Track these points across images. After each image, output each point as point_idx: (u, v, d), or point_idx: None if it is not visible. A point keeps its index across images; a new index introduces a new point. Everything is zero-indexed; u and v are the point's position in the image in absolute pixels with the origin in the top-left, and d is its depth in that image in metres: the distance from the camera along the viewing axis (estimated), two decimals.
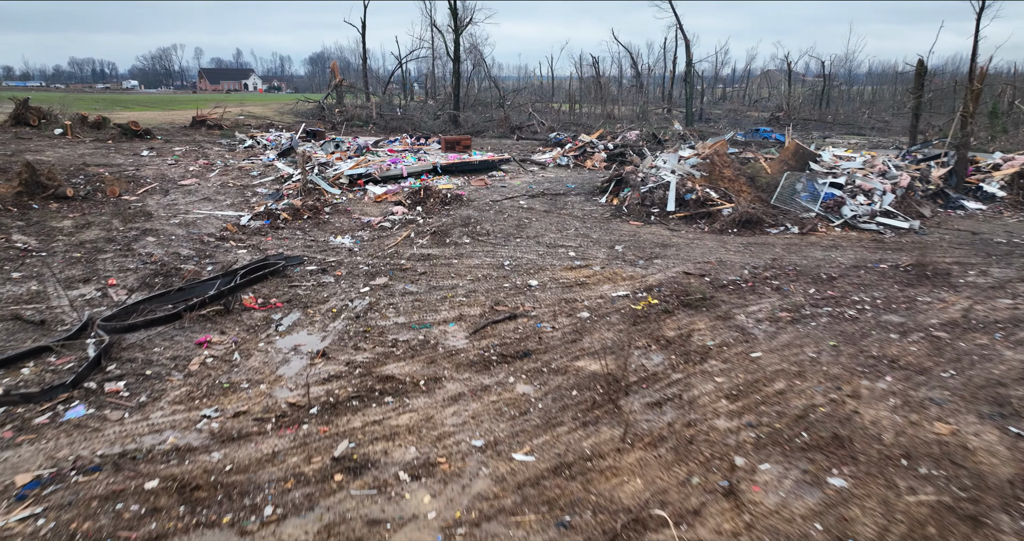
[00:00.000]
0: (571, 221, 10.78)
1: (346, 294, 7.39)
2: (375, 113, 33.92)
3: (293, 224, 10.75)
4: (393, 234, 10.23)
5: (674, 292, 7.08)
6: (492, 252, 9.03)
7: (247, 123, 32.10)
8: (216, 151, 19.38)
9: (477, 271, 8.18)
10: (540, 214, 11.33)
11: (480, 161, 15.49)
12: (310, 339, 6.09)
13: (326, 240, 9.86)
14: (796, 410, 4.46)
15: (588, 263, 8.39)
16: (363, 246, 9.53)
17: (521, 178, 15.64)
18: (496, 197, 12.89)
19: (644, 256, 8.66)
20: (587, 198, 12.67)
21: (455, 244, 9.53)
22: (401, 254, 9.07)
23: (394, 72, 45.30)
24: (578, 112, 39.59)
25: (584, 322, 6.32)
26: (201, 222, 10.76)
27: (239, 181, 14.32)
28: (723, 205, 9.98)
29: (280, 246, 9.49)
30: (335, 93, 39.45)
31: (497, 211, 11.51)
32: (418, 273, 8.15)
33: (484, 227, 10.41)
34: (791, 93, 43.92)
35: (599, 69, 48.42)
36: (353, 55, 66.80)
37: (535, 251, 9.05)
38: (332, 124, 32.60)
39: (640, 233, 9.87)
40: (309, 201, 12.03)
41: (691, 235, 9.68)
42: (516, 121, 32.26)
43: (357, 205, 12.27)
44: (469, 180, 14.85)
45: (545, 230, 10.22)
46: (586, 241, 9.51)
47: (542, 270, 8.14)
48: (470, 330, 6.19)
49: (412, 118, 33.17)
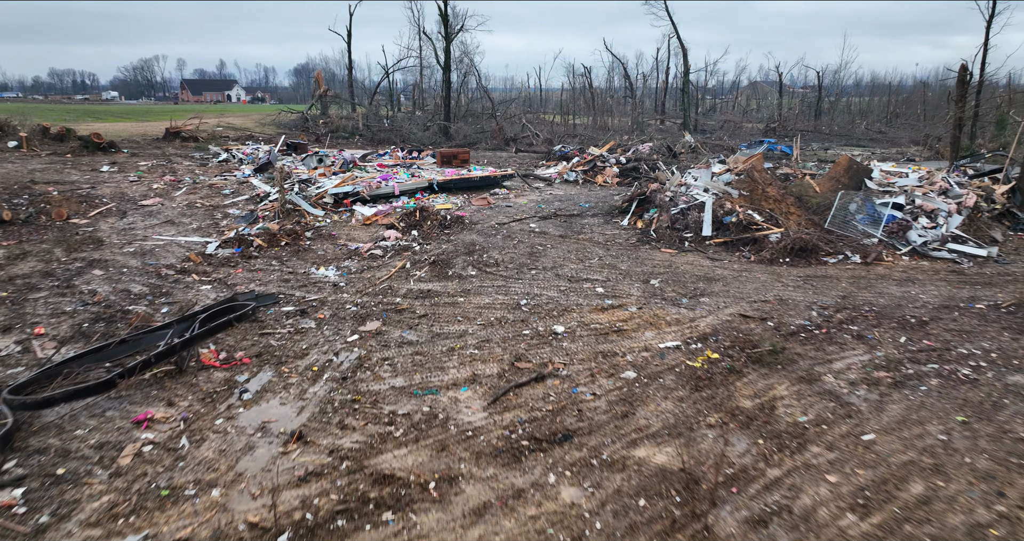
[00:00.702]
0: (593, 248, 9.73)
1: (330, 344, 6.27)
2: (362, 124, 33.09)
3: (268, 252, 9.63)
4: (385, 264, 9.13)
5: (735, 342, 6.01)
6: (504, 288, 7.94)
7: (225, 135, 31.13)
8: (186, 166, 18.28)
9: (489, 313, 7.08)
10: (555, 240, 10.28)
11: (481, 177, 14.50)
12: (283, 411, 4.95)
13: (307, 272, 8.75)
14: (959, 534, 3.35)
15: (622, 302, 7.31)
16: (350, 280, 8.42)
17: (527, 196, 14.62)
18: (502, 219, 11.84)
19: (687, 293, 7.60)
20: (606, 220, 11.65)
21: (459, 277, 8.44)
22: (396, 290, 7.97)
23: (380, 82, 44.76)
24: (572, 124, 39.37)
25: (632, 386, 5.22)
26: (160, 251, 9.62)
27: (209, 201, 13.20)
28: (770, 229, 8.98)
29: (252, 280, 8.36)
30: (319, 103, 38.83)
31: (505, 236, 10.45)
32: (417, 315, 7.04)
33: (492, 256, 9.33)
34: (782, 104, 44.14)
35: (591, 80, 48.37)
36: (338, 66, 66.55)
37: (555, 286, 7.97)
38: (316, 136, 31.71)
39: (676, 263, 8.84)
40: (288, 224, 10.93)
41: (736, 266, 8.65)
42: (510, 133, 31.73)
43: (343, 229, 11.18)
44: (469, 199, 13.82)
45: (564, 259, 9.15)
46: (614, 273, 8.45)
47: (567, 312, 7.06)
48: (488, 397, 5.08)
49: (400, 129, 32.47)
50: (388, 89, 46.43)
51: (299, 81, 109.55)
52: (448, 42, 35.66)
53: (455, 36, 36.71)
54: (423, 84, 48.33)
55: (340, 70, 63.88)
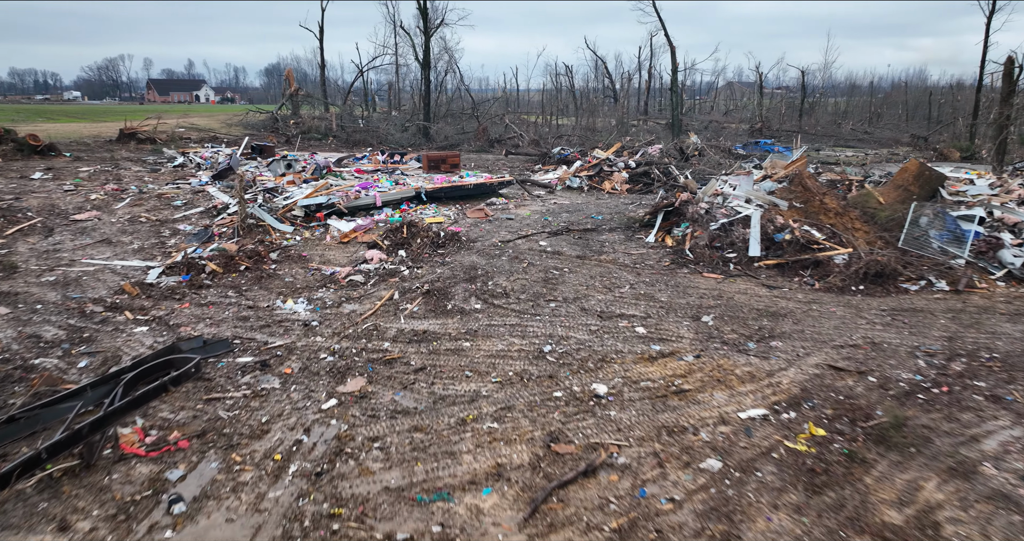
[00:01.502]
0: (620, 273, 8.48)
1: (299, 414, 4.93)
2: (335, 125, 31.80)
3: (224, 280, 8.22)
4: (368, 295, 7.78)
5: (839, 410, 4.78)
6: (520, 327, 6.64)
7: (187, 136, 29.58)
8: (134, 172, 16.71)
9: (504, 364, 5.78)
10: (572, 262, 9.01)
11: (475, 185, 13.21)
12: (229, 534, 3.60)
13: (271, 306, 7.37)
14: None
15: (673, 348, 6.05)
16: (325, 316, 7.06)
17: (528, 206, 13.35)
18: (505, 235, 10.54)
19: (752, 334, 6.36)
20: (627, 236, 10.41)
21: (461, 312, 7.13)
22: (383, 331, 6.63)
23: (355, 81, 43.67)
24: (556, 124, 38.98)
25: (720, 483, 3.95)
26: (88, 279, 8.16)
27: (156, 214, 11.72)
28: (835, 249, 7.81)
29: (201, 318, 6.96)
30: (290, 103, 37.57)
31: (512, 257, 9.15)
32: (413, 369, 5.73)
33: (499, 283, 8.03)
34: (762, 104, 44.62)
35: (573, 79, 48.02)
36: (310, 65, 65.29)
37: (584, 325, 6.68)
38: (286, 137, 30.31)
39: (726, 292, 7.61)
40: (249, 244, 9.52)
41: (801, 295, 7.44)
42: (494, 134, 30.91)
43: (316, 248, 9.79)
44: (463, 210, 12.50)
45: (587, 288, 7.88)
46: (654, 307, 7.19)
47: (606, 362, 5.78)
48: (523, 507, 3.77)
49: (377, 131, 31.43)
50: (363, 88, 45.34)
51: (270, 81, 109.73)
52: (427, 37, 34.53)
53: (435, 31, 35.62)
54: (399, 84, 47.50)
55: (312, 70, 62.74)
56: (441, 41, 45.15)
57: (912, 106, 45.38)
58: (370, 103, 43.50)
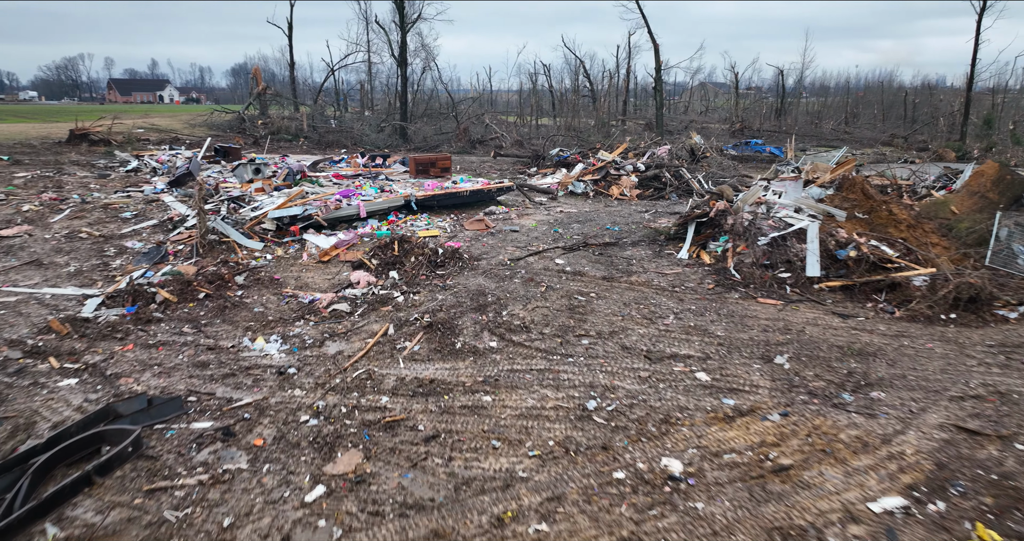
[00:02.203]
0: (658, 298, 7.40)
1: (274, 514, 3.80)
2: (306, 125, 30.66)
3: (180, 311, 6.98)
4: (357, 329, 6.61)
5: (1004, 498, 3.75)
6: (551, 374, 5.52)
7: (145, 138, 28.10)
8: (79, 178, 15.27)
9: (541, 428, 4.67)
10: (599, 284, 7.91)
11: (472, 191, 12.06)
12: None
13: (236, 346, 6.17)
14: None
15: (751, 403, 4.98)
16: (305, 360, 5.88)
17: (532, 215, 12.24)
18: (512, 251, 9.42)
19: (842, 381, 5.32)
20: (655, 251, 9.35)
21: (474, 352, 5.99)
22: (379, 380, 5.48)
23: (326, 80, 42.54)
24: (535, 124, 38.60)
25: None
26: (7, 314, 6.87)
27: (100, 228, 10.38)
28: (913, 269, 6.83)
29: (148, 364, 5.75)
30: (258, 102, 36.33)
31: (526, 279, 8.03)
32: (422, 436, 4.59)
33: (515, 313, 6.90)
34: (739, 104, 45.10)
35: (551, 79, 47.82)
36: (279, 65, 63.93)
37: (630, 370, 5.59)
38: (254, 138, 29.01)
39: (793, 323, 6.57)
40: (210, 265, 8.28)
41: (882, 326, 6.43)
42: (475, 134, 30.26)
43: (291, 269, 8.57)
44: (459, 221, 11.35)
45: (623, 318, 6.78)
46: (710, 343, 6.12)
47: (670, 424, 4.69)
48: None
49: (351, 131, 30.51)
50: (334, 87, 44.28)
51: (237, 81, 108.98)
52: (404, 33, 33.45)
53: (411, 26, 34.53)
54: (373, 82, 46.62)
55: (280, 69, 61.48)
56: (418, 37, 44.28)
57: (887, 106, 46.54)
58: (342, 103, 42.42)
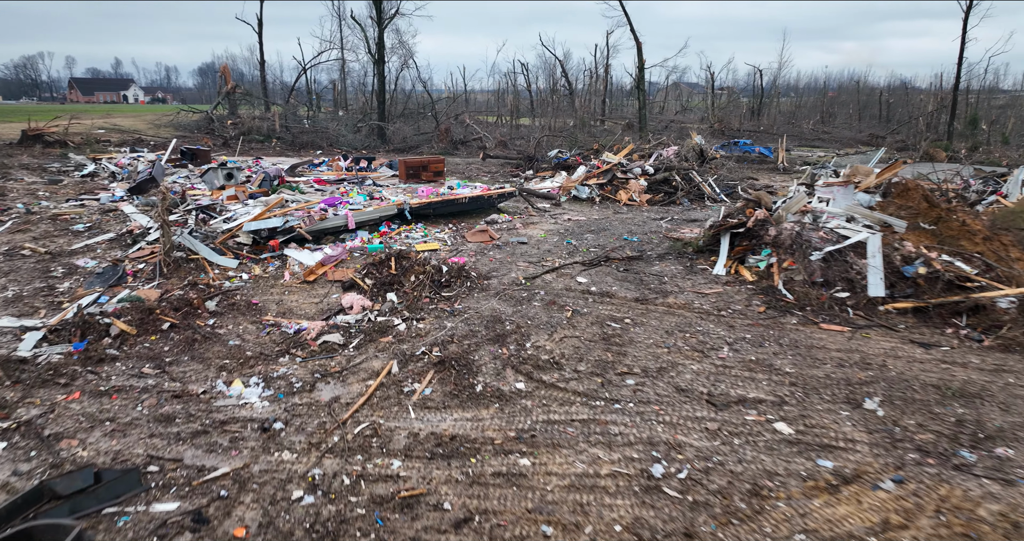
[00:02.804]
0: (704, 324, 6.57)
1: None
2: (279, 126, 29.76)
3: (140, 346, 6.00)
4: (353, 366, 5.69)
5: None
6: (598, 426, 4.66)
7: (106, 139, 26.83)
8: (26, 185, 14.06)
9: (600, 504, 3.81)
10: (632, 307, 7.06)
11: (471, 198, 11.16)
12: None
13: (209, 392, 5.23)
14: None
15: (853, 465, 4.16)
16: (293, 409, 4.96)
17: (539, 224, 11.37)
18: (525, 267, 8.54)
19: (956, 433, 4.52)
20: (685, 266, 8.53)
21: (499, 397, 5.11)
22: (387, 436, 4.58)
23: (298, 79, 41.81)
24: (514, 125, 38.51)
25: None
26: None
27: (47, 244, 9.29)
28: (998, 288, 6.09)
29: (98, 421, 4.79)
30: (227, 102, 35.31)
31: (547, 302, 7.15)
32: (449, 523, 3.72)
33: (540, 344, 6.02)
34: (714, 104, 46.10)
35: (530, 78, 47.91)
36: (247, 64, 62.65)
37: (693, 419, 4.74)
38: (224, 139, 27.93)
39: (869, 355, 5.78)
40: (176, 288, 7.28)
41: (974, 357, 5.66)
42: (457, 135, 29.92)
43: (271, 291, 7.60)
44: (459, 231, 10.44)
45: (669, 350, 5.94)
46: (780, 382, 5.29)
47: (760, 496, 3.85)
48: None
49: (326, 132, 29.79)
50: (306, 86, 43.49)
51: (204, 81, 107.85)
52: (381, 29, 32.55)
53: (389, 22, 33.65)
54: (346, 81, 46.20)
55: (249, 68, 60.25)
56: (395, 34, 43.58)
57: (862, 106, 47.90)
58: (315, 102, 41.57)
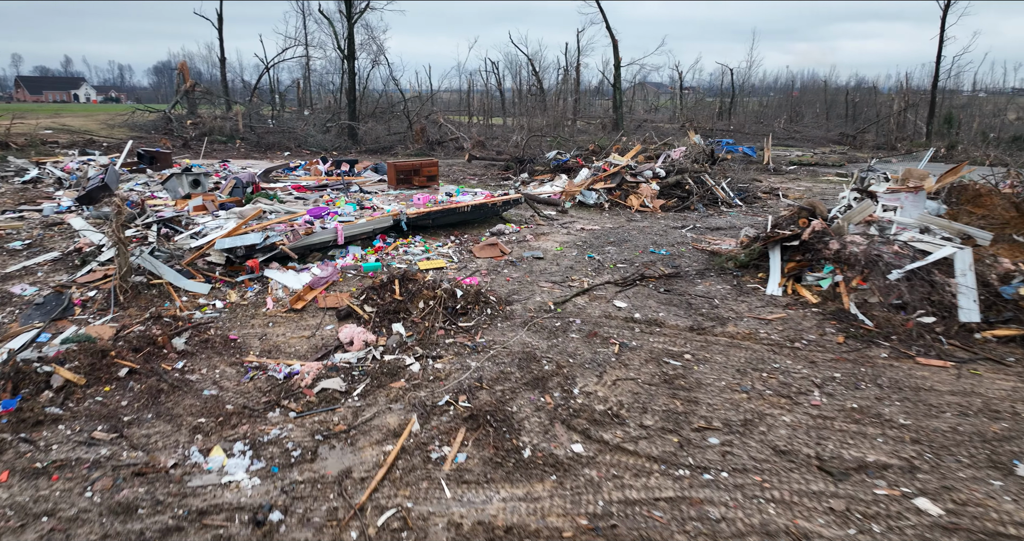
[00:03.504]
0: (780, 359, 5.68)
1: None
2: (242, 126, 28.57)
3: (90, 401, 4.89)
4: (363, 425, 4.68)
5: None
6: (691, 508, 3.74)
7: (53, 140, 25.21)
8: None
9: None
10: (687, 339, 6.15)
11: (474, 206, 10.17)
12: None
13: (181, 464, 4.20)
14: None
15: None
16: (292, 490, 3.95)
17: (550, 235, 10.42)
18: (549, 289, 7.59)
19: None
20: (732, 285, 7.67)
21: (554, 465, 4.16)
22: (418, 529, 3.64)
23: (261, 77, 40.52)
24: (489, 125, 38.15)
25: None
26: None
27: None
28: None
29: (27, 516, 3.69)
30: (186, 101, 33.91)
31: (584, 334, 6.21)
32: None
33: (589, 389, 5.09)
34: (683, 104, 47.38)
35: (500, 77, 47.97)
36: (206, 63, 61.03)
37: (807, 493, 3.84)
38: (184, 140, 26.56)
39: (992, 399, 4.96)
40: (136, 323, 6.16)
41: None
42: (434, 135, 29.29)
43: (253, 322, 6.52)
44: (463, 244, 9.44)
45: (748, 395, 5.04)
46: (898, 438, 4.43)
47: None
48: None
49: (294, 132, 28.82)
50: (269, 85, 42.34)
51: (160, 80, 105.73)
52: (351, 23, 31.45)
53: (359, 16, 32.53)
54: (310, 80, 45.33)
55: (208, 67, 58.70)
56: (365, 30, 42.65)
57: (829, 105, 49.53)
58: (279, 101, 40.40)
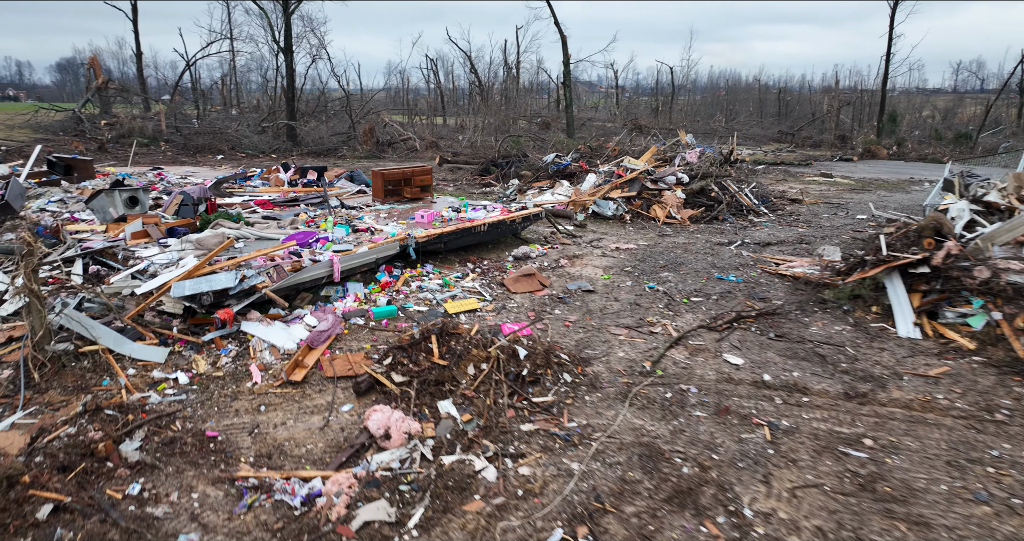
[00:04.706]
0: (995, 443, 4.39)
1: None
2: (165, 126, 26.36)
3: None
4: None
5: None
6: None
7: None
8: None
9: None
10: (850, 413, 4.77)
11: (491, 224, 8.59)
12: None
13: None
14: None
15: None
16: None
17: (587, 259, 8.94)
18: (627, 337, 6.08)
19: None
20: (849, 324, 6.36)
21: None
22: None
23: (183, 73, 38.42)
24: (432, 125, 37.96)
25: None
26: None
27: None
28: None
29: None
30: (98, 99, 31.22)
31: (710, 410, 4.77)
32: None
33: (761, 506, 3.71)
34: (619, 103, 48.79)
35: (439, 75, 48.20)
36: (116, 59, 57.32)
37: None
38: (99, 143, 24.08)
39: None
40: (59, 418, 4.36)
41: None
42: (383, 136, 28.46)
43: (234, 407, 4.80)
44: (487, 273, 7.87)
45: (997, 513, 3.67)
46: None
47: None
48: None
49: (225, 133, 27.17)
50: (191, 83, 40.03)
51: (65, 77, 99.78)
52: (288, 14, 29.45)
53: (296, 6, 30.55)
54: (236, 77, 43.72)
55: (118, 64, 55.21)
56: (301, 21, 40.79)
57: (761, 103, 51.79)
58: (203, 99, 38.20)
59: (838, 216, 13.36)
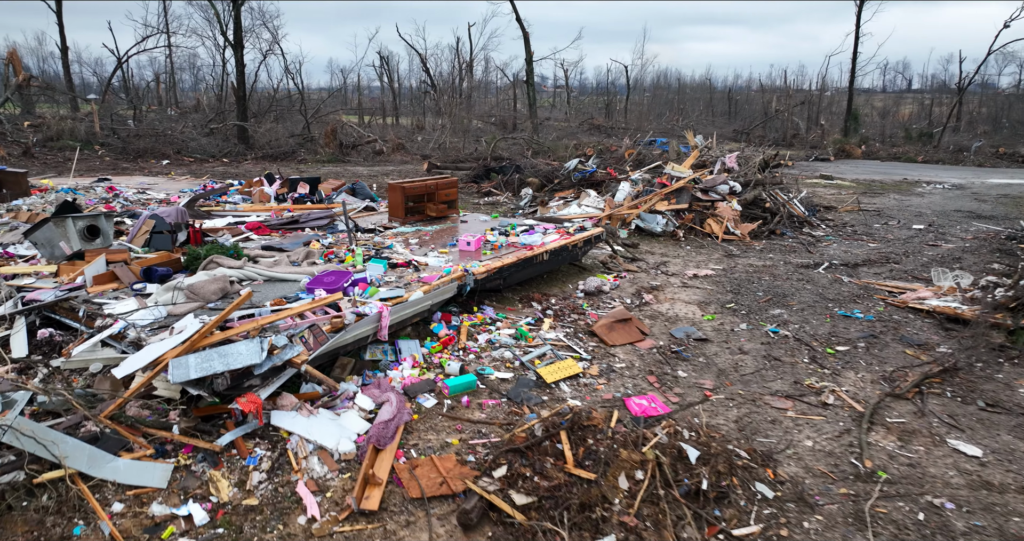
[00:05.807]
0: None
1: None
2: (99, 128, 24.41)
3: None
4: None
5: None
6: None
7: None
8: None
9: None
10: None
11: (553, 250, 7.16)
12: None
13: None
14: None
15: None
16: None
17: (669, 291, 7.56)
18: (792, 411, 4.74)
19: None
20: None
21: None
22: None
23: (115, 71, 36.24)
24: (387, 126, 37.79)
25: None
26: None
27: None
28: None
29: None
30: (19, 97, 28.94)
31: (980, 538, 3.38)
32: None
33: None
34: (571, 103, 49.59)
35: (391, 72, 47.30)
36: (35, 56, 54.06)
37: None
38: (24, 147, 21.98)
39: None
40: None
41: None
42: (346, 138, 27.46)
43: None
44: (562, 315, 6.43)
45: None
46: None
47: None
48: None
49: (168, 135, 25.54)
50: (123, 80, 37.92)
51: None
52: (238, 5, 27.68)
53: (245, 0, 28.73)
54: (175, 75, 42.02)
55: (38, 62, 52.17)
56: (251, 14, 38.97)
57: (712, 103, 53.82)
58: (139, 98, 36.13)
59: (892, 226, 12.35)
